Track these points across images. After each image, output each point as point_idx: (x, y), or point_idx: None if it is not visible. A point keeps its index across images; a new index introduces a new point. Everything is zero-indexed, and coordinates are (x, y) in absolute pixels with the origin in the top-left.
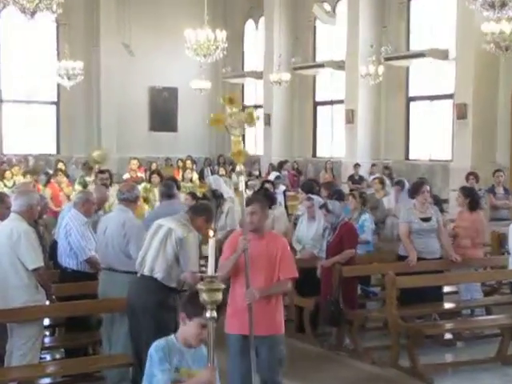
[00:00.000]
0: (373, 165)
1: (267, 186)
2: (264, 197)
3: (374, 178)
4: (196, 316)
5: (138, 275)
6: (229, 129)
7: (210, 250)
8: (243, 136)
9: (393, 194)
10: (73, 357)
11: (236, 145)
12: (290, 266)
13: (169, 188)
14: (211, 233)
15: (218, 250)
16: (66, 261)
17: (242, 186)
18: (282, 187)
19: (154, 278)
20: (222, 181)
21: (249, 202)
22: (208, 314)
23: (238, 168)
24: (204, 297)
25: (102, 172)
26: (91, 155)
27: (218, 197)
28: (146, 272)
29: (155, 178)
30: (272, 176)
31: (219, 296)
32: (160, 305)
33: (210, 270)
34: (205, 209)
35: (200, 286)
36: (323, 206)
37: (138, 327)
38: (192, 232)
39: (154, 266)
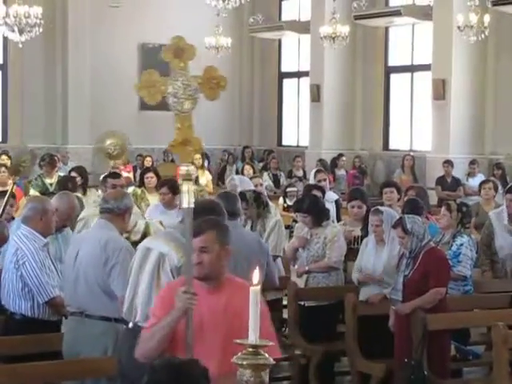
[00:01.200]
0: (472, 162)
1: (315, 192)
2: (312, 208)
3: (485, 181)
4: None
5: (130, 326)
6: (171, 101)
7: (252, 305)
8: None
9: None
10: None
11: (182, 129)
12: (268, 339)
13: (231, 201)
14: (256, 277)
15: None
16: (16, 303)
17: (186, 202)
18: (333, 195)
19: None
20: (252, 183)
21: (198, 227)
22: None
23: (182, 169)
24: (245, 377)
25: (113, 176)
26: (102, 146)
27: (261, 203)
28: (140, 321)
29: (150, 180)
30: (311, 175)
31: (266, 377)
32: None
33: (254, 337)
34: (210, 208)
35: (238, 360)
36: (399, 224)
37: None
38: None
39: (149, 311)
